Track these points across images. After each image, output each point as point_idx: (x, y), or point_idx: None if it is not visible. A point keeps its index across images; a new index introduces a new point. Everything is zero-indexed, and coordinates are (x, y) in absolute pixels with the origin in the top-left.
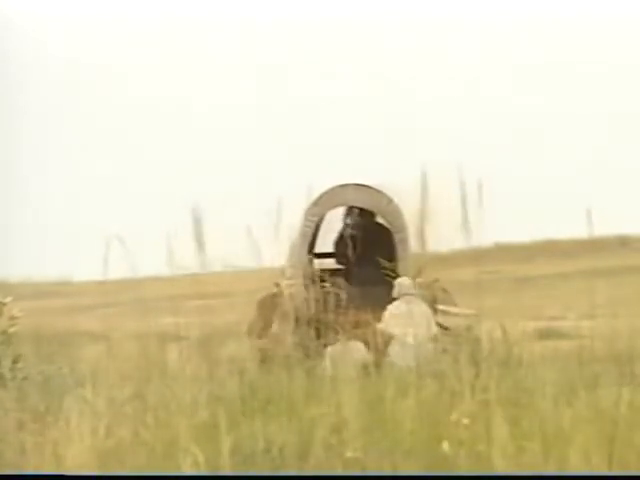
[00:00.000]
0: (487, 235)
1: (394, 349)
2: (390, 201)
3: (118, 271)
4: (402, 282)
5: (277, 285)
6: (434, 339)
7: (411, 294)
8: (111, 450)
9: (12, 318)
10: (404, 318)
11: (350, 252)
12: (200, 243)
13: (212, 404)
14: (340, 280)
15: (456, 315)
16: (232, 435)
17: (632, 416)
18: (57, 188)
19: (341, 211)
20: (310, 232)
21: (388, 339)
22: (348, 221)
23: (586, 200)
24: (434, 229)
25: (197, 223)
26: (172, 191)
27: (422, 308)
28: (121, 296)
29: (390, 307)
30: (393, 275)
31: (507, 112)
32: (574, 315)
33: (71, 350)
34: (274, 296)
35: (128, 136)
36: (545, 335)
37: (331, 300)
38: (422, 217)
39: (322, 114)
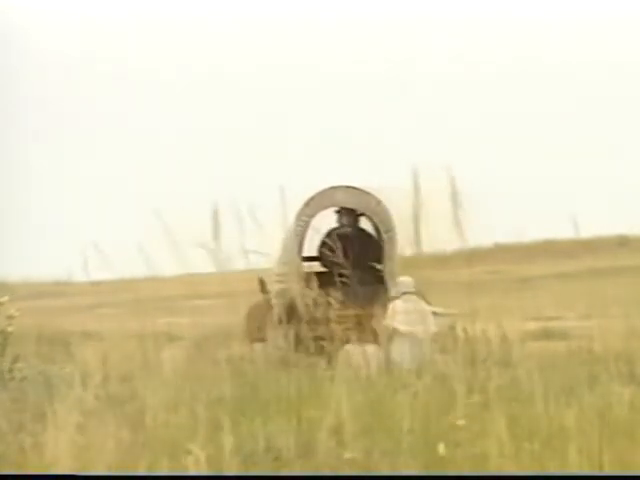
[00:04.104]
0: (486, 235)
1: (397, 346)
2: (379, 202)
3: (116, 272)
4: (403, 281)
5: (261, 289)
6: (434, 337)
7: (412, 292)
8: (110, 450)
9: (9, 317)
10: (408, 315)
11: (337, 254)
12: (193, 244)
13: (212, 404)
14: (329, 280)
15: (441, 315)
16: (232, 435)
17: (632, 416)
18: (57, 188)
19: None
20: (302, 232)
21: (392, 336)
22: (336, 224)
23: (586, 201)
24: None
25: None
26: (168, 191)
27: (423, 306)
28: (119, 296)
29: (392, 305)
30: (381, 276)
31: (507, 112)
32: (573, 315)
33: (70, 350)
34: (267, 299)
35: (124, 136)
36: (544, 335)
37: (323, 300)
38: (416, 218)
39: (315, 115)
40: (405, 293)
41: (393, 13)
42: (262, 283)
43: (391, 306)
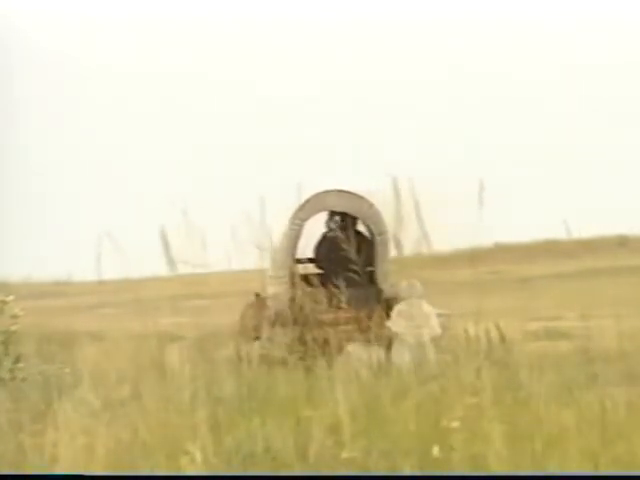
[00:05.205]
0: (487, 235)
1: (397, 351)
2: (371, 205)
3: (117, 272)
4: (412, 284)
5: (257, 295)
6: (437, 340)
7: (419, 296)
8: (110, 450)
9: (14, 317)
10: (411, 321)
11: (331, 256)
12: (194, 244)
13: (211, 404)
14: (324, 282)
15: (442, 316)
16: (231, 435)
17: (631, 416)
18: (57, 188)
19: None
20: (295, 236)
21: (392, 340)
22: (330, 226)
23: (586, 200)
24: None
25: (188, 225)
26: (168, 191)
27: (427, 311)
28: (120, 296)
29: (396, 309)
30: (375, 277)
31: (506, 112)
32: (573, 315)
33: (70, 350)
34: (262, 300)
35: (125, 136)
36: (545, 335)
37: (318, 302)
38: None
39: (310, 115)
40: (412, 297)
41: (391, 17)
42: (258, 296)
43: (395, 310)
